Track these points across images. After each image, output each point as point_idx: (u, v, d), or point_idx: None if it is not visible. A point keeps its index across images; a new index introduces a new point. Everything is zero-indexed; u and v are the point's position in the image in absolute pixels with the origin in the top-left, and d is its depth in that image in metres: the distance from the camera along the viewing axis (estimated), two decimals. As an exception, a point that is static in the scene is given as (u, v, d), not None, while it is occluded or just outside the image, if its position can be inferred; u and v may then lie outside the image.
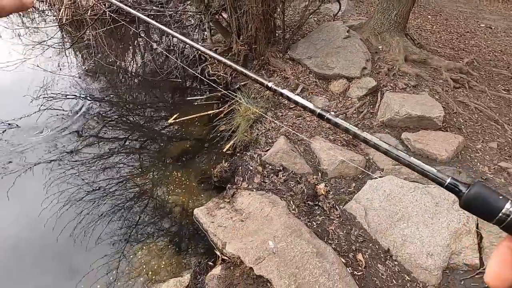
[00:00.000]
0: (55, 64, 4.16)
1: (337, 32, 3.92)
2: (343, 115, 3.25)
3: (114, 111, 3.73)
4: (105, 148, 3.15)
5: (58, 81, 3.90)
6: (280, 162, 2.70)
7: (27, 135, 3.13)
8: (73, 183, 2.72)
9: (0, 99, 3.55)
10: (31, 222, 2.40)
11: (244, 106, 3.20)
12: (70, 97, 3.78)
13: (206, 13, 3.84)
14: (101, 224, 2.44)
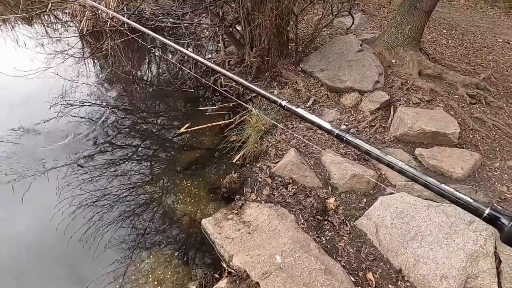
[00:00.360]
0: (74, 72, 4.31)
1: (350, 46, 3.92)
2: (355, 129, 3.21)
3: (128, 119, 3.81)
4: (118, 155, 3.21)
5: (76, 88, 4.03)
6: (290, 175, 2.68)
7: (44, 140, 3.23)
8: (86, 188, 2.77)
9: (22, 105, 3.69)
10: (44, 225, 2.45)
11: (255, 117, 3.21)
12: (87, 104, 3.89)
13: (221, 25, 3.93)
14: (111, 229, 2.47)
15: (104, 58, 4.68)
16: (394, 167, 0.41)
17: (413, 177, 0.38)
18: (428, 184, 0.36)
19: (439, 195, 0.35)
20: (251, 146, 3.01)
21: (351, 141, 0.46)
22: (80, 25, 5.12)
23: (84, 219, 2.50)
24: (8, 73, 3.37)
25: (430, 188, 0.35)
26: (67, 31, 5.53)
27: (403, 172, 0.40)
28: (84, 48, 4.95)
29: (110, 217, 2.56)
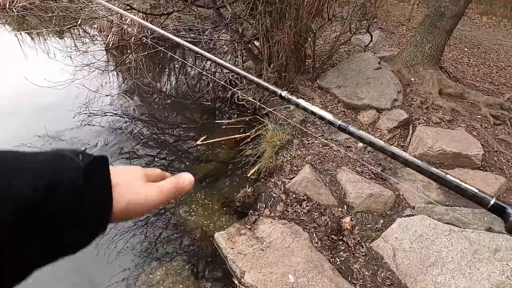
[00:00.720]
0: (99, 84, 4.51)
1: (368, 63, 3.92)
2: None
3: (147, 129, 3.91)
4: (135, 163, 3.28)
5: (99, 99, 4.20)
6: (304, 191, 2.65)
7: (67, 145, 3.35)
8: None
9: (49, 113, 3.88)
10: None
11: (270, 132, 3.22)
12: (109, 114, 4.04)
13: (240, 42, 4.03)
14: (124, 237, 2.50)
15: (127, 70, 4.88)
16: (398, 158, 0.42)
17: (418, 168, 0.38)
18: (433, 174, 0.35)
19: (445, 186, 0.34)
20: (266, 160, 3.01)
21: (354, 132, 0.47)
22: (107, 39, 5.38)
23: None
24: (38, 83, 3.57)
25: (436, 180, 0.35)
26: (94, 44, 5.83)
27: (407, 163, 0.40)
28: (109, 61, 5.19)
29: (124, 225, 2.60)
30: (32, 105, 4.00)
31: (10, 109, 3.89)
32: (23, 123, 3.68)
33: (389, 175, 2.81)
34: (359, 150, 3.10)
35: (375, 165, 2.93)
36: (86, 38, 6.17)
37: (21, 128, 3.57)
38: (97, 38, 5.99)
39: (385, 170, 2.87)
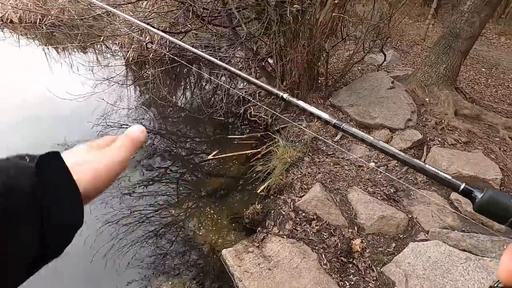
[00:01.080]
0: (117, 97, 4.68)
1: (381, 82, 3.91)
2: (385, 167, 3.11)
3: (160, 142, 4.00)
4: (147, 175, 3.35)
5: (117, 112, 4.35)
6: (314, 210, 2.61)
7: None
8: (114, 205, 2.90)
9: (69, 124, 4.05)
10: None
11: (281, 148, 3.23)
12: (125, 127, 4.16)
13: (254, 59, 4.12)
14: (134, 248, 2.53)
15: (144, 85, 5.06)
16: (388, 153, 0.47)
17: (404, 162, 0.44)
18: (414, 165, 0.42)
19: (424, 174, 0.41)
20: (276, 177, 3.01)
21: (348, 130, 0.52)
22: (127, 54, 5.63)
23: (110, 235, 2.60)
24: (61, 95, 3.74)
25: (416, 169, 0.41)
26: (115, 59, 6.10)
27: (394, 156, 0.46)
28: (128, 75, 5.40)
29: (134, 236, 2.63)
30: (53, 116, 4.18)
31: (33, 119, 4.09)
32: (44, 132, 3.85)
33: (401, 197, 2.75)
34: (371, 170, 3.06)
35: (387, 186, 2.87)
36: (108, 53, 6.47)
37: (42, 137, 3.73)
38: (118, 54, 6.27)
39: (398, 192, 2.80)
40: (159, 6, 4.20)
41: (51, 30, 5.30)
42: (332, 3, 3.54)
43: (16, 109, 4.28)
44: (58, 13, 6.52)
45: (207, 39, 5.34)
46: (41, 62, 6.01)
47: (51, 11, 6.60)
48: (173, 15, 4.18)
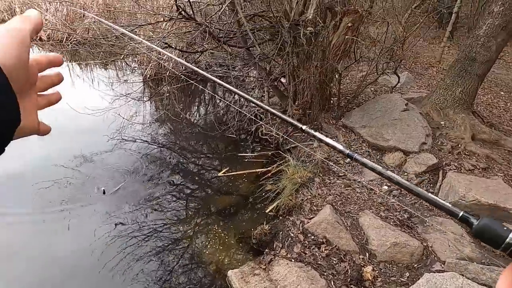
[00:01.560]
0: (133, 112, 4.83)
1: (395, 104, 3.88)
2: (398, 191, 3.02)
3: (172, 157, 4.05)
4: (157, 189, 3.38)
5: (132, 127, 4.47)
6: (324, 234, 2.54)
7: (98, 169, 3.56)
8: (124, 218, 2.93)
9: (85, 137, 4.18)
10: (82, 250, 2.60)
11: (292, 168, 3.21)
12: (139, 141, 4.26)
13: (267, 79, 4.19)
14: (140, 263, 2.52)
15: (160, 101, 5.20)
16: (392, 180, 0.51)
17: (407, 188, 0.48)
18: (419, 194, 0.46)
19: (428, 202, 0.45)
20: (286, 198, 2.97)
21: (359, 160, 0.56)
22: (145, 71, 5.85)
23: (118, 249, 2.61)
24: (80, 110, 3.89)
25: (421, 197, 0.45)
26: (134, 75, 6.34)
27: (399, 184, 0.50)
28: (144, 91, 5.59)
29: (142, 250, 2.63)
30: (72, 129, 4.33)
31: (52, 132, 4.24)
32: (63, 144, 3.98)
33: (416, 223, 2.64)
34: (384, 193, 2.98)
35: (401, 211, 2.77)
36: (127, 70, 6.75)
37: (60, 149, 3.85)
38: (136, 70, 6.52)
39: (412, 218, 2.70)
40: (177, 27, 4.39)
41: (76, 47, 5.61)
42: (345, 26, 3.60)
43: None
44: (83, 32, 6.91)
45: (222, 58, 5.50)
46: (65, 77, 6.30)
47: (77, 30, 7.00)
48: (190, 35, 4.35)
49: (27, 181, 3.33)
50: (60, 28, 7.09)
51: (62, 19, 7.79)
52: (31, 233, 2.77)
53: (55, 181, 3.29)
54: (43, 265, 2.50)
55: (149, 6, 4.82)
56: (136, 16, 5.13)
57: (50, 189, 3.20)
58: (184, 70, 4.70)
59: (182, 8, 3.59)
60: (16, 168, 3.46)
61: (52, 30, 7.48)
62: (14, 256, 2.54)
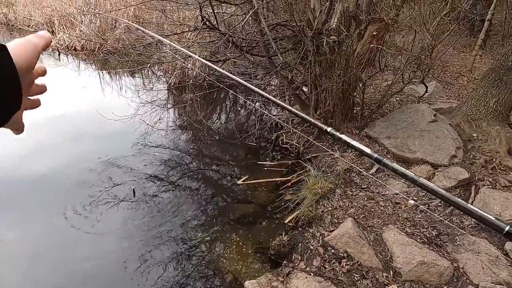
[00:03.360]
0: (157, 119, 4.98)
1: (422, 115, 3.72)
2: (425, 206, 2.86)
3: (193, 163, 4.11)
4: (178, 194, 3.43)
5: (155, 133, 4.60)
6: (345, 248, 2.45)
7: (123, 172, 3.68)
8: (144, 222, 2.99)
9: (111, 142, 4.36)
10: (102, 251, 2.67)
11: (312, 178, 3.14)
12: (161, 147, 4.37)
13: (289, 88, 4.18)
14: (159, 266, 2.56)
15: (183, 108, 5.33)
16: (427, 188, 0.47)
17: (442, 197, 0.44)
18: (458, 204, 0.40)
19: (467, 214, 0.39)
20: (306, 208, 2.90)
21: (388, 165, 0.52)
22: (170, 79, 6.04)
23: (137, 251, 2.66)
24: (108, 116, 4.07)
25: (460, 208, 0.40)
26: (159, 83, 6.57)
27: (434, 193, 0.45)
28: (168, 99, 5.76)
29: (160, 255, 2.66)
30: (100, 134, 4.53)
31: (81, 135, 4.47)
32: (90, 148, 4.16)
33: (445, 241, 2.48)
34: (410, 208, 2.83)
35: (428, 228, 2.62)
36: (153, 78, 7.00)
37: (87, 152, 4.04)
38: (162, 79, 6.75)
39: (441, 235, 2.54)
40: (201, 37, 4.50)
41: (106, 57, 5.91)
42: (370, 34, 3.53)
43: (69, 126, 4.72)
44: (113, 42, 7.28)
45: (244, 67, 5.56)
46: (95, 84, 6.66)
47: (108, 41, 7.39)
48: (214, 45, 4.45)
49: (56, 181, 3.50)
50: (93, 39, 7.52)
51: (95, 30, 8.27)
52: (54, 233, 2.89)
53: (83, 182, 3.44)
54: (64, 264, 2.59)
55: (176, 17, 5.00)
56: (163, 27, 5.34)
57: (77, 190, 3.34)
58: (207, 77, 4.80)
59: (207, 19, 3.69)
60: (46, 169, 3.66)
61: (85, 41, 7.94)
62: (37, 256, 2.65)
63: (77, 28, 8.59)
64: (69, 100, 5.39)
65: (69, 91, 5.81)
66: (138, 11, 7.86)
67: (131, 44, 5.56)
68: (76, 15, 8.50)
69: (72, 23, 8.94)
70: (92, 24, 8.41)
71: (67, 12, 9.19)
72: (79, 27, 8.53)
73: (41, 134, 4.26)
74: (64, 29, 8.90)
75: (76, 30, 8.63)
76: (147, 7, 5.55)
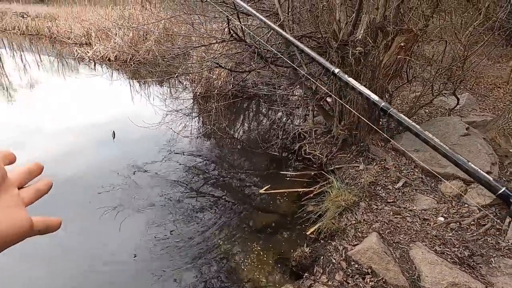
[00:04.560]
0: (182, 126, 5.15)
1: (453, 128, 3.56)
2: (457, 224, 2.72)
3: (216, 171, 4.19)
4: (200, 201, 3.49)
5: (180, 140, 4.75)
6: (369, 264, 2.37)
7: (149, 177, 3.82)
8: (166, 226, 3.07)
9: (139, 148, 4.55)
10: (124, 253, 2.76)
11: (335, 190, 3.09)
12: (186, 154, 4.49)
13: (313, 98, 4.18)
14: (179, 271, 2.59)
15: (208, 117, 5.48)
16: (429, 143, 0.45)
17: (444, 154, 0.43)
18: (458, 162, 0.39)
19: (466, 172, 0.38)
20: (328, 221, 2.85)
21: (394, 115, 0.51)
22: (196, 89, 6.24)
23: (157, 255, 2.73)
24: (137, 123, 4.27)
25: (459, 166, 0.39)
26: (185, 93, 6.81)
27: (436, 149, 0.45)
28: (194, 107, 5.94)
29: (180, 259, 2.71)
30: (129, 140, 4.76)
31: (111, 141, 4.71)
32: (119, 153, 4.37)
33: (479, 263, 2.33)
34: (440, 225, 2.70)
35: (460, 247, 2.48)
36: (179, 87, 7.27)
37: (117, 157, 4.24)
38: (188, 88, 7.00)
39: (474, 256, 2.39)
40: (228, 48, 4.64)
41: (137, 67, 6.24)
42: (398, 45, 3.47)
43: (101, 131, 5.00)
44: (144, 53, 7.67)
45: (267, 77, 5.65)
46: (126, 93, 7.02)
47: (139, 52, 7.80)
48: (239, 56, 4.57)
49: (84, 184, 3.70)
50: (126, 50, 7.97)
51: (127, 42, 8.77)
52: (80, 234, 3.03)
53: (110, 185, 3.61)
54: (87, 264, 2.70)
55: (203, 29, 5.20)
56: (191, 39, 5.57)
57: (104, 193, 3.50)
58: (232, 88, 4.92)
59: (234, 31, 3.81)
60: (76, 172, 3.87)
61: (119, 52, 8.43)
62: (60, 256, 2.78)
63: (111, 40, 9.15)
64: (101, 107, 5.72)
65: (102, 99, 6.17)
66: (168, 24, 8.26)
67: (161, 55, 5.83)
68: (111, 28, 9.08)
69: (107, 35, 9.54)
70: (126, 36, 8.93)
71: (104, 25, 9.84)
72: (114, 39, 9.09)
73: (75, 138, 4.55)
74: (100, 41, 9.52)
75: (110, 41, 9.20)
76: (177, 21, 5.82)
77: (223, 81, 5.86)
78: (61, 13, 13.91)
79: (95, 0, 14.03)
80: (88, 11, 12.63)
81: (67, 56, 10.08)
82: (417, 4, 3.63)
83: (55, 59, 9.83)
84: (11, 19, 14.68)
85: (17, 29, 14.43)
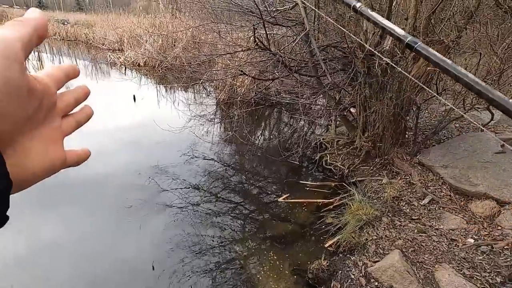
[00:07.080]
0: (204, 131, 5.25)
1: (486, 145, 3.37)
2: (488, 247, 2.54)
3: (235, 177, 4.21)
4: (219, 206, 3.52)
5: (202, 144, 4.84)
6: (390, 282, 2.27)
7: (170, 179, 3.91)
8: (185, 230, 3.10)
9: (162, 150, 4.68)
10: (141, 255, 2.82)
11: (356, 203, 3.00)
12: (207, 159, 4.56)
13: (336, 108, 4.12)
14: (194, 277, 2.60)
15: (229, 123, 5.56)
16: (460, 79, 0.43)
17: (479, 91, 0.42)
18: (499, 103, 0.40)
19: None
20: (348, 234, 2.77)
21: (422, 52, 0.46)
22: (219, 95, 6.37)
23: (174, 259, 2.76)
24: (162, 126, 4.40)
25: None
26: (209, 99, 6.96)
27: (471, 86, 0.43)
28: (217, 113, 6.06)
29: (196, 265, 2.72)
30: (153, 142, 4.92)
31: (136, 143, 4.88)
32: (143, 154, 4.52)
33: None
34: (469, 247, 2.54)
35: (492, 272, 2.31)
36: (203, 93, 7.45)
37: (141, 158, 4.39)
38: (212, 94, 7.15)
39: (507, 283, 2.22)
40: (252, 56, 4.71)
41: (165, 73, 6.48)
42: (428, 57, 3.36)
43: (128, 133, 5.21)
44: (172, 59, 7.96)
45: (290, 85, 5.65)
46: (153, 97, 7.29)
47: (167, 58, 8.10)
48: (264, 64, 4.62)
49: (109, 183, 3.84)
50: (155, 56, 8.31)
51: (157, 49, 9.14)
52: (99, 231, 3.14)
53: (134, 185, 3.73)
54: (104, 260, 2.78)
55: (229, 37, 5.33)
56: (217, 46, 5.71)
57: (127, 192, 3.62)
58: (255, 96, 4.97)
59: (259, 40, 3.86)
60: (101, 171, 4.04)
61: (148, 58, 8.80)
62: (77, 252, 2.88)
63: (142, 47, 9.59)
64: (129, 110, 5.96)
65: (130, 102, 6.44)
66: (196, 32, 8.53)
67: (187, 61, 6.02)
68: (143, 35, 9.52)
69: (138, 42, 10.01)
70: (155, 43, 9.32)
71: (135, 33, 10.35)
72: (144, 45, 9.52)
73: (103, 140, 4.76)
74: (132, 47, 10.01)
75: (141, 48, 9.65)
76: (204, 29, 6.00)
77: (246, 88, 5.94)
78: (97, 21, 14.82)
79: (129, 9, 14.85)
80: (122, 19, 13.35)
81: (101, 61, 10.67)
82: (450, 15, 3.51)
83: (90, 64, 10.43)
84: (53, 26, 15.83)
85: (58, 35, 15.51)
